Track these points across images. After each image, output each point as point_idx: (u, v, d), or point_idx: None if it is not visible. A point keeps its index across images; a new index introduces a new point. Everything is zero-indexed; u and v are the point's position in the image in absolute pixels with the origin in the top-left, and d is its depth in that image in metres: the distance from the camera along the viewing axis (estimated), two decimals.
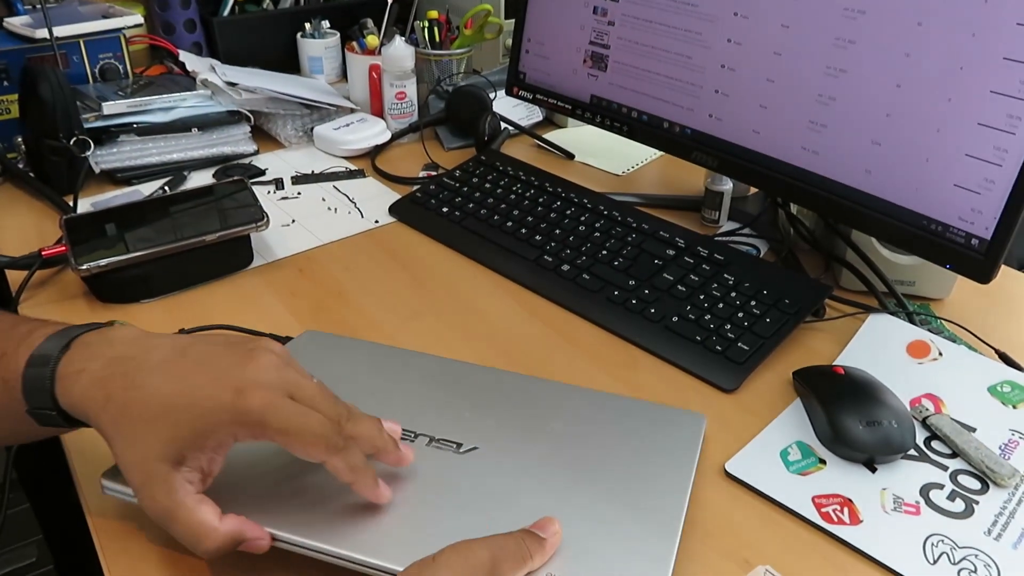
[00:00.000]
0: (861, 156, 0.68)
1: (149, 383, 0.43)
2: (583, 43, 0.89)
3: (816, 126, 0.71)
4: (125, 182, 0.95)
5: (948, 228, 0.63)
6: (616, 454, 0.54)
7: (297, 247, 0.83)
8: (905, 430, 0.57)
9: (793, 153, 0.73)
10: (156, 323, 0.70)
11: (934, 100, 0.63)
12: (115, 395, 0.44)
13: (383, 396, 0.58)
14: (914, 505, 0.54)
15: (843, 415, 0.58)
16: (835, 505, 0.53)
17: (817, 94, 0.70)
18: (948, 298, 0.77)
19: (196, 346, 0.46)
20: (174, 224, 0.75)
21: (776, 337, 0.67)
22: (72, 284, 0.75)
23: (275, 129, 1.07)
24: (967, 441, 0.57)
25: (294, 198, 0.94)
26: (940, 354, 0.66)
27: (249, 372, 0.44)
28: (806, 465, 0.57)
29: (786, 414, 0.61)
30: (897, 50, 0.64)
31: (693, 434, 0.56)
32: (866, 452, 0.56)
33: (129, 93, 0.99)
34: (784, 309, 0.69)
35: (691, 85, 0.80)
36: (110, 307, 0.73)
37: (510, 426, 0.55)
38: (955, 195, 0.62)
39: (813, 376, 0.63)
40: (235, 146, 1.01)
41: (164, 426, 0.43)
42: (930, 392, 0.63)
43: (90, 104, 0.96)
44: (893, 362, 0.66)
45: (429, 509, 0.48)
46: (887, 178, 0.67)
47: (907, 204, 0.66)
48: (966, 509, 0.53)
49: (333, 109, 1.11)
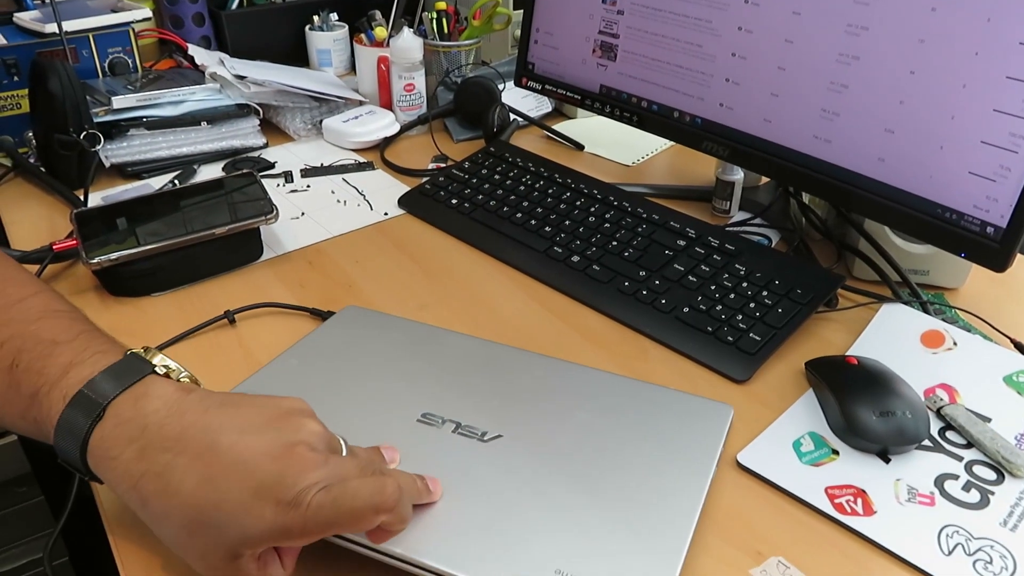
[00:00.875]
0: (874, 144, 0.67)
1: (184, 489, 0.41)
2: (592, 32, 0.89)
3: (828, 114, 0.70)
4: (135, 176, 0.95)
5: (963, 216, 0.63)
6: (639, 444, 0.53)
7: (306, 240, 0.83)
8: (919, 420, 0.57)
9: (805, 142, 0.72)
10: (166, 316, 0.71)
11: (949, 87, 0.62)
12: (151, 501, 0.42)
13: (415, 376, 0.59)
14: (929, 496, 0.53)
15: (856, 405, 0.57)
16: (848, 496, 0.53)
17: (829, 82, 0.69)
18: (962, 287, 0.76)
19: (228, 435, 0.42)
20: (184, 217, 0.75)
21: (788, 327, 0.67)
22: (83, 278, 0.75)
23: (284, 122, 1.07)
24: (982, 431, 0.57)
25: (303, 191, 0.93)
26: (955, 344, 0.66)
27: (289, 479, 0.40)
28: (819, 456, 0.56)
29: (799, 405, 0.61)
30: (911, 36, 0.63)
31: (718, 426, 0.56)
32: (880, 443, 0.56)
33: (138, 87, 0.99)
34: (796, 299, 0.68)
35: (701, 74, 0.80)
36: (121, 300, 0.73)
37: (536, 413, 0.55)
38: (970, 183, 0.62)
39: (826, 366, 0.62)
40: (244, 139, 1.01)
41: (208, 535, 0.41)
42: (944, 382, 0.62)
43: (100, 98, 0.96)
44: (907, 352, 0.65)
45: (449, 500, 0.48)
46: (901, 166, 0.66)
47: (921, 192, 0.65)
48: (981, 500, 0.53)
49: (342, 102, 1.11)
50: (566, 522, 0.47)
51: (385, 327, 0.65)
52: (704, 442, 0.54)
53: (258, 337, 0.68)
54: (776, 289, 0.70)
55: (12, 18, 1.05)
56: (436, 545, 0.45)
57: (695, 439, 0.54)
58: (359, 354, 0.60)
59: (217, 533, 0.41)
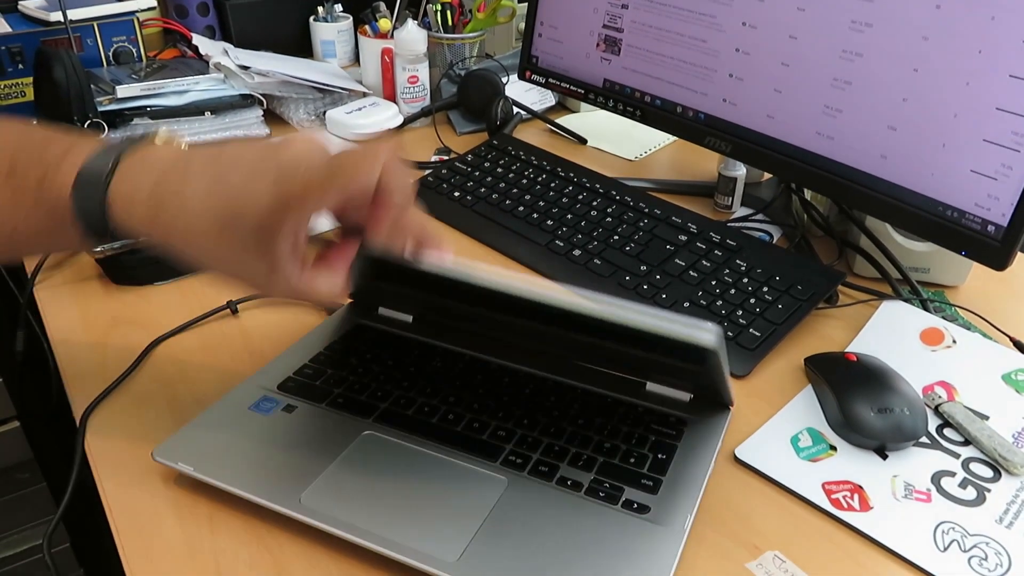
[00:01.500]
0: (877, 141, 0.67)
1: (199, 194, 0.43)
2: (596, 27, 0.89)
3: (831, 111, 0.70)
4: None
5: (964, 214, 0.63)
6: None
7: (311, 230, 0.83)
8: (917, 417, 0.57)
9: (807, 138, 0.72)
10: (170, 305, 0.71)
11: (952, 85, 0.62)
12: (174, 224, 0.44)
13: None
14: (925, 492, 0.53)
15: (855, 402, 0.57)
16: (845, 492, 0.53)
17: (833, 78, 0.69)
18: (963, 285, 0.76)
19: (231, 147, 0.45)
20: None
21: (788, 323, 0.67)
22: (86, 266, 0.76)
23: (287, 113, 1.07)
24: (980, 429, 0.57)
25: None
26: (954, 341, 0.66)
27: (284, 157, 0.43)
28: (817, 451, 0.57)
29: (797, 400, 0.61)
30: (915, 34, 0.63)
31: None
32: (877, 439, 0.56)
33: (143, 76, 0.99)
34: (796, 295, 0.69)
35: (705, 69, 0.80)
36: (124, 289, 0.73)
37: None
38: (972, 181, 0.62)
39: (825, 363, 0.63)
40: (247, 130, 1.01)
41: (234, 232, 0.43)
42: (943, 379, 0.62)
43: (104, 87, 0.96)
44: (906, 349, 0.65)
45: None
46: (903, 163, 0.66)
47: (923, 190, 0.65)
48: (978, 497, 0.53)
49: (345, 93, 1.11)
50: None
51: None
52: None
53: (261, 328, 0.68)
54: (777, 285, 0.70)
55: (17, 6, 1.05)
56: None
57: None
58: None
59: (237, 224, 0.43)
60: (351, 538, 0.47)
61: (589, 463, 0.53)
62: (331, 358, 0.62)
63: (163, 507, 0.51)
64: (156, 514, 0.51)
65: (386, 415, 0.56)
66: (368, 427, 0.55)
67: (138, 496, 0.52)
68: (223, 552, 0.49)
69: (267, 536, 0.49)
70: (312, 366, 0.61)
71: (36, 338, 0.73)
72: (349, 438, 0.54)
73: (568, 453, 0.54)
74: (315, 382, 0.59)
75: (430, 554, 0.46)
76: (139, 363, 0.63)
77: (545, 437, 0.55)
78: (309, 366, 0.61)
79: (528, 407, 0.58)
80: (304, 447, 0.53)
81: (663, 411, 0.58)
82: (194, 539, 0.49)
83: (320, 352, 0.62)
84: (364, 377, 0.60)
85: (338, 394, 0.58)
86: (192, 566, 0.48)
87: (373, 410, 0.56)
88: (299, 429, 0.55)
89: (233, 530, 0.50)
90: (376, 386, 0.59)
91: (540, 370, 0.61)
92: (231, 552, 0.49)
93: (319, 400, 0.57)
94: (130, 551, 0.49)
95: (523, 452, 0.54)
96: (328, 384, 0.59)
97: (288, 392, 0.58)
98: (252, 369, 0.61)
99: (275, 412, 0.56)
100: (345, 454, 0.53)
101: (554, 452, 0.54)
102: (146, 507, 0.51)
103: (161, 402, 0.60)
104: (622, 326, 0.45)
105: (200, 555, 0.48)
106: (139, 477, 0.53)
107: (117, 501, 0.52)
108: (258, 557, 0.48)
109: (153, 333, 0.67)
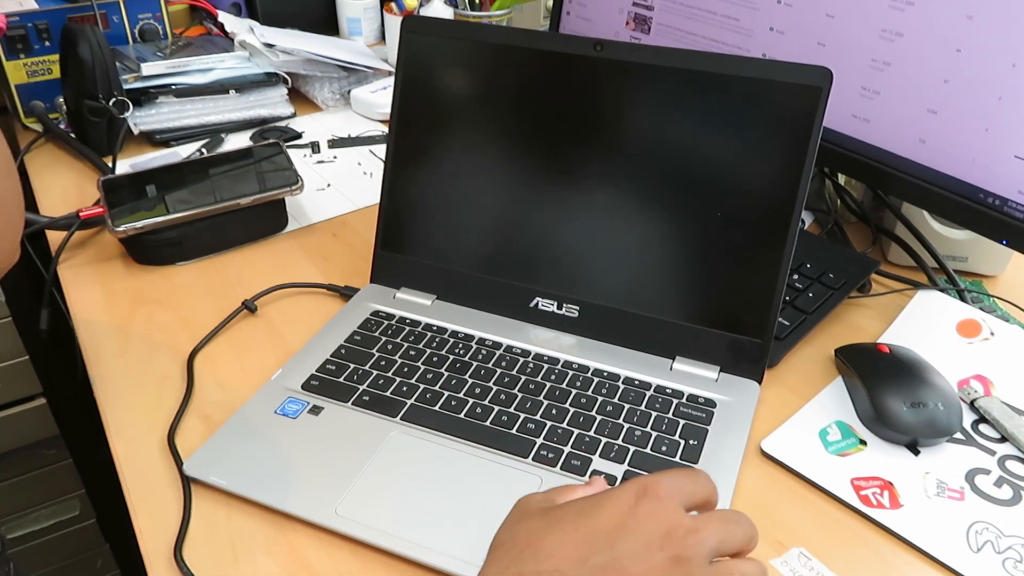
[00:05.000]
0: (915, 125, 0.65)
1: None
2: (626, 4, 0.86)
3: (868, 92, 0.67)
4: (163, 144, 0.95)
5: (1007, 202, 0.60)
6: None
7: (332, 212, 0.83)
8: (952, 412, 0.55)
9: (843, 121, 0.70)
10: (191, 285, 0.71)
11: (997, 65, 0.59)
12: None
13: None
14: (958, 491, 0.52)
15: (887, 395, 0.56)
16: (875, 488, 0.52)
17: (871, 59, 0.67)
18: (1001, 275, 0.73)
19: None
20: (210, 187, 0.75)
21: (819, 312, 0.65)
22: (110, 245, 0.76)
23: (312, 91, 1.06)
24: (1018, 425, 0.55)
25: (330, 162, 0.93)
26: (992, 334, 0.63)
27: None
28: (846, 446, 0.55)
29: (826, 392, 0.60)
30: (958, 12, 0.61)
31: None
32: (910, 434, 0.54)
33: (168, 54, 0.99)
34: (828, 283, 0.67)
35: (737, 48, 0.77)
36: (146, 268, 0.73)
37: None
38: (1016, 167, 0.59)
39: (856, 354, 0.61)
40: (272, 108, 1.01)
41: None
42: (979, 373, 0.60)
43: (129, 65, 0.96)
44: (941, 341, 0.63)
45: None
46: (943, 148, 0.63)
47: (963, 176, 0.62)
48: (1014, 496, 0.51)
49: (371, 72, 1.10)
50: None
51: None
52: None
53: (284, 321, 0.67)
54: (807, 272, 0.68)
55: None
56: None
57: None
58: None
59: None
60: (389, 547, 0.47)
61: (621, 454, 0.52)
62: (352, 351, 0.61)
63: (174, 489, 0.51)
64: (170, 493, 0.51)
65: (413, 412, 0.56)
66: (396, 426, 0.55)
67: (153, 475, 0.52)
68: (239, 535, 0.48)
69: (285, 526, 0.49)
70: (334, 361, 0.60)
71: (61, 316, 0.73)
72: (379, 440, 0.53)
73: (599, 444, 0.53)
74: (338, 379, 0.58)
75: (467, 559, 0.45)
76: (192, 385, 0.60)
77: (575, 427, 0.54)
78: (332, 361, 0.60)
79: (555, 395, 0.57)
80: (334, 452, 0.52)
81: (692, 392, 0.57)
82: (212, 525, 0.49)
83: (341, 345, 0.61)
84: (387, 370, 0.59)
85: (363, 391, 0.57)
86: (209, 551, 0.48)
87: (400, 407, 0.56)
88: (327, 432, 0.54)
89: (249, 514, 0.50)
90: (400, 380, 0.58)
91: None
92: (248, 535, 0.48)
93: (344, 399, 0.57)
94: (146, 527, 0.49)
95: (554, 445, 0.53)
96: (352, 380, 0.58)
97: (313, 391, 0.57)
98: (278, 363, 0.60)
99: (302, 415, 0.55)
100: (375, 457, 0.52)
101: (585, 444, 0.53)
102: (161, 488, 0.51)
103: (191, 409, 0.58)
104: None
105: (216, 538, 0.48)
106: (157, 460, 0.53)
107: (133, 479, 0.52)
108: (273, 538, 0.48)
109: (175, 313, 0.67)
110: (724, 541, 0.36)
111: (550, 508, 0.38)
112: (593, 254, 0.62)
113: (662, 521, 0.36)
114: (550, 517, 0.37)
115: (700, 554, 0.35)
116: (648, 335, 0.61)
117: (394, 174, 0.67)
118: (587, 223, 0.62)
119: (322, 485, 0.50)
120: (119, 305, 0.69)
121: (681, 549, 0.35)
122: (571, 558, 0.35)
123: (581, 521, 0.36)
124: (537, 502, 0.39)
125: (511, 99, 0.63)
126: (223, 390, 0.59)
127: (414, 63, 0.65)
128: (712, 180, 0.59)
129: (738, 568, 0.36)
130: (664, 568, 0.34)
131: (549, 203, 0.63)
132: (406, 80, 0.65)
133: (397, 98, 0.66)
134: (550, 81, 0.62)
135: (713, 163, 0.58)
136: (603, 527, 0.36)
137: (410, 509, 0.49)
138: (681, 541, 0.35)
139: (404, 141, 0.66)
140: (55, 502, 1.00)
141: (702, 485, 0.39)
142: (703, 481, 0.39)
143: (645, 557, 0.34)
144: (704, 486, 0.39)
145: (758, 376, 0.58)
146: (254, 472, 0.51)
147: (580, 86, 0.61)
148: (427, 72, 0.65)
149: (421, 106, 0.65)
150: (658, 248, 0.60)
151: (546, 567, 0.34)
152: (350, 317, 0.64)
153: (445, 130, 0.65)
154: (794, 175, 0.57)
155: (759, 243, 0.58)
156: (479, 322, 0.64)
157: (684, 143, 0.59)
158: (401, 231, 0.67)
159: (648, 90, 0.59)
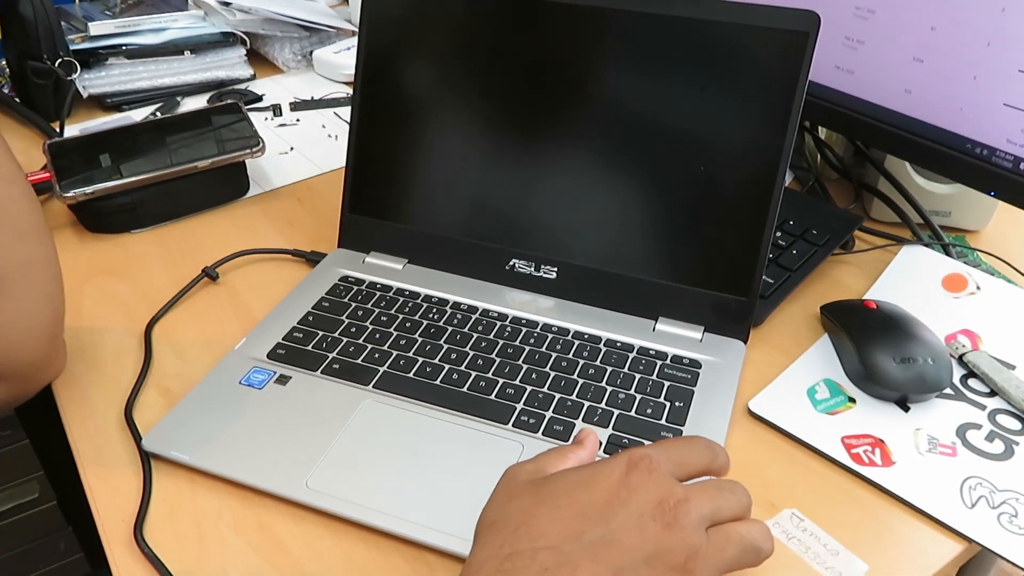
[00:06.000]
0: (901, 74, 0.63)
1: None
2: None
3: (852, 42, 0.65)
4: (115, 108, 0.90)
5: (995, 152, 0.59)
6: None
7: (296, 176, 0.79)
8: (941, 367, 0.54)
9: (825, 73, 0.68)
10: (147, 254, 0.67)
11: (985, 11, 0.57)
12: None
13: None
14: (950, 446, 0.50)
15: (875, 351, 0.54)
16: (866, 446, 0.50)
17: (855, 7, 0.64)
18: (985, 229, 0.72)
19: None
20: (165, 150, 0.71)
21: (803, 270, 0.63)
22: (59, 213, 0.71)
23: (272, 52, 1.02)
24: (1007, 379, 0.54)
25: (292, 125, 0.89)
26: (977, 288, 0.62)
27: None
28: (835, 404, 0.53)
29: (813, 350, 0.58)
30: None
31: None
32: (899, 390, 0.53)
33: (117, 13, 0.94)
34: (811, 240, 0.65)
35: None
36: (100, 237, 0.69)
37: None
38: (1005, 115, 0.57)
39: (843, 311, 0.59)
40: (230, 70, 0.96)
41: None
42: (967, 328, 0.59)
43: (76, 24, 0.91)
44: (927, 296, 0.62)
45: None
46: (929, 98, 0.62)
47: (950, 126, 0.61)
48: (1005, 450, 0.50)
49: (334, 32, 1.05)
50: None
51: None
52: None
53: (247, 288, 0.64)
54: (790, 230, 0.66)
55: None
56: None
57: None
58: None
59: None
60: (364, 520, 0.44)
61: (605, 418, 0.50)
62: (321, 318, 0.58)
63: (135, 471, 0.48)
64: (130, 474, 0.48)
65: (386, 380, 0.53)
66: (368, 395, 0.52)
67: (111, 458, 0.49)
68: (205, 513, 0.46)
69: (254, 501, 0.46)
70: (302, 328, 0.57)
71: None
72: (350, 409, 0.51)
73: (582, 408, 0.51)
74: (306, 347, 0.55)
75: (446, 530, 0.43)
76: (150, 357, 0.56)
77: (556, 391, 0.52)
78: (299, 329, 0.57)
79: (534, 359, 0.54)
80: (303, 422, 0.50)
81: (676, 353, 0.55)
82: (175, 503, 0.46)
83: (308, 312, 0.58)
84: (358, 337, 0.56)
85: (332, 359, 0.54)
86: (172, 529, 0.45)
87: (372, 375, 0.53)
88: (296, 402, 0.51)
89: (214, 490, 0.47)
90: (372, 347, 0.55)
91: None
92: (213, 513, 0.46)
93: (313, 368, 0.54)
94: (103, 511, 0.46)
95: (535, 411, 0.51)
96: (321, 348, 0.55)
97: (279, 360, 0.54)
98: (242, 332, 0.57)
99: (268, 385, 0.52)
100: (348, 427, 0.49)
101: (567, 408, 0.51)
102: (120, 469, 0.48)
103: (149, 381, 0.55)
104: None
105: (180, 516, 0.45)
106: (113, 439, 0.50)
107: (92, 465, 0.49)
108: (240, 514, 0.45)
109: (131, 283, 0.64)
110: (718, 509, 0.35)
111: (541, 481, 0.36)
112: (571, 213, 0.59)
113: (653, 491, 0.34)
114: (542, 492, 0.35)
115: (693, 522, 0.34)
116: (629, 295, 0.59)
117: (360, 134, 0.63)
118: (564, 181, 0.59)
119: (291, 457, 0.47)
120: (71, 276, 0.64)
121: (673, 518, 0.34)
122: (566, 534, 0.33)
123: (574, 496, 0.35)
124: (527, 472, 0.37)
125: (480, 53, 0.60)
126: (183, 361, 0.56)
127: (378, 18, 0.62)
128: (694, 133, 0.56)
129: (736, 530, 0.35)
130: (658, 538, 0.33)
131: (524, 160, 0.60)
132: (370, 36, 0.62)
133: (362, 54, 0.62)
134: (522, 32, 0.59)
135: (695, 114, 0.56)
136: (596, 501, 0.34)
137: (385, 480, 0.46)
138: (673, 510, 0.34)
139: (370, 100, 0.63)
140: (12, 485, 0.96)
141: (698, 453, 0.38)
142: (699, 449, 0.38)
143: (639, 527, 0.33)
144: (700, 454, 0.38)
145: (744, 335, 0.57)
146: (218, 445, 0.48)
147: (553, 36, 0.58)
148: (392, 28, 0.61)
149: (387, 63, 0.62)
150: (638, 205, 0.58)
151: (541, 544, 0.33)
152: (317, 283, 0.61)
153: (412, 87, 0.62)
154: (780, 126, 0.54)
155: (744, 197, 0.56)
156: (453, 286, 0.61)
157: (664, 94, 0.56)
158: (369, 193, 0.64)
159: (625, 38, 0.56)
